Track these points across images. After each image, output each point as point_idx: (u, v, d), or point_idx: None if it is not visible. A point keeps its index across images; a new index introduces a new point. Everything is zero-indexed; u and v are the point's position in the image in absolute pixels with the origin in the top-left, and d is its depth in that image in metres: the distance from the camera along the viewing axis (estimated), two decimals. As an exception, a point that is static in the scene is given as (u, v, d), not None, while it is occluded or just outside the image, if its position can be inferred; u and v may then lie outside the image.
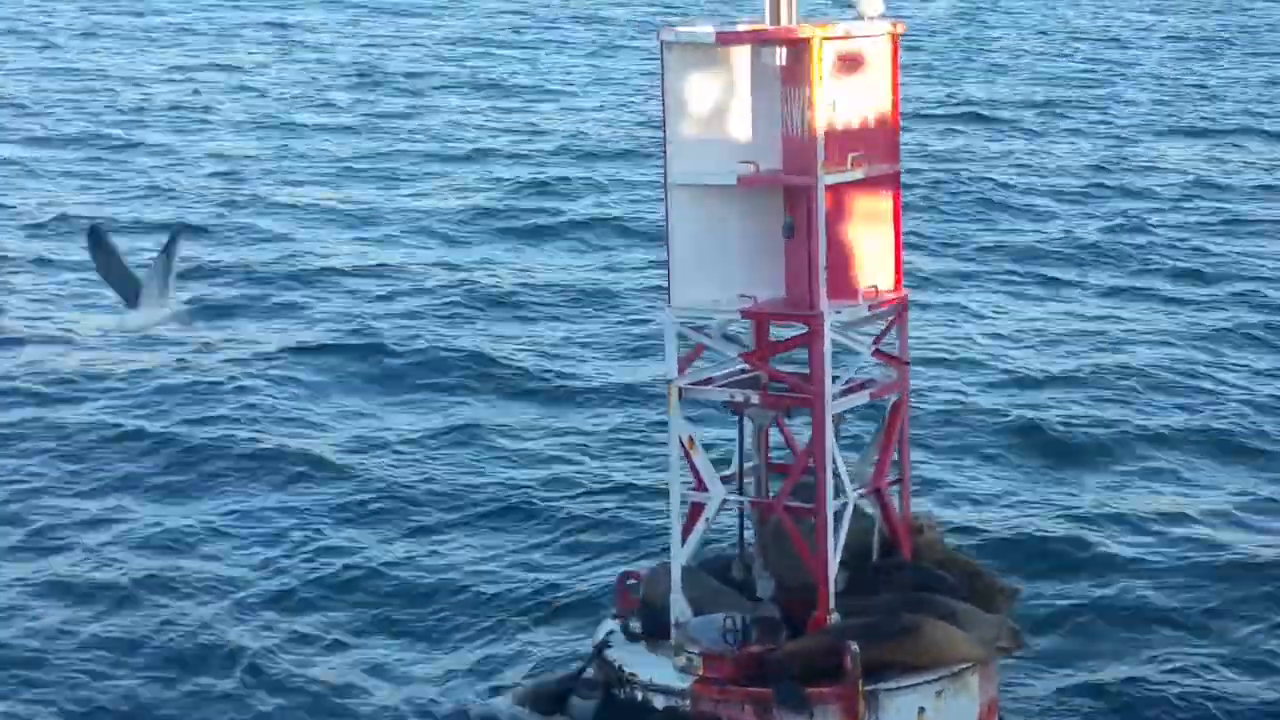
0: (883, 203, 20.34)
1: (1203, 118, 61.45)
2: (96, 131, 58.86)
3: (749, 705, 19.22)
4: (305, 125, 60.53)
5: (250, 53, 77.59)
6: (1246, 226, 45.46)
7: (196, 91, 66.68)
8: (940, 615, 19.75)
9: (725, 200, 19.95)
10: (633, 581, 21.49)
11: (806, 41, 19.16)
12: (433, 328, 36.64)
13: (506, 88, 68.85)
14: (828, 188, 19.34)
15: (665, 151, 20.03)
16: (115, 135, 58.32)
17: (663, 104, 19.97)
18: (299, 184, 51.67)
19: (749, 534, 21.08)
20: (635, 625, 20.94)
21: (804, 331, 20.54)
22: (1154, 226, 45.28)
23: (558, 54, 78.24)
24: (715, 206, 19.97)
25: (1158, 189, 49.97)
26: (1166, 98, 65.86)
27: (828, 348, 19.49)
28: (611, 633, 20.83)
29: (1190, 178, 51.32)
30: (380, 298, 39.17)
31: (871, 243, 20.22)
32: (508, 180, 51.58)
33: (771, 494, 20.68)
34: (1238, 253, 42.67)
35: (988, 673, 20.00)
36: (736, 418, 20.90)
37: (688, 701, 19.47)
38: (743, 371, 20.78)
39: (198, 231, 43.73)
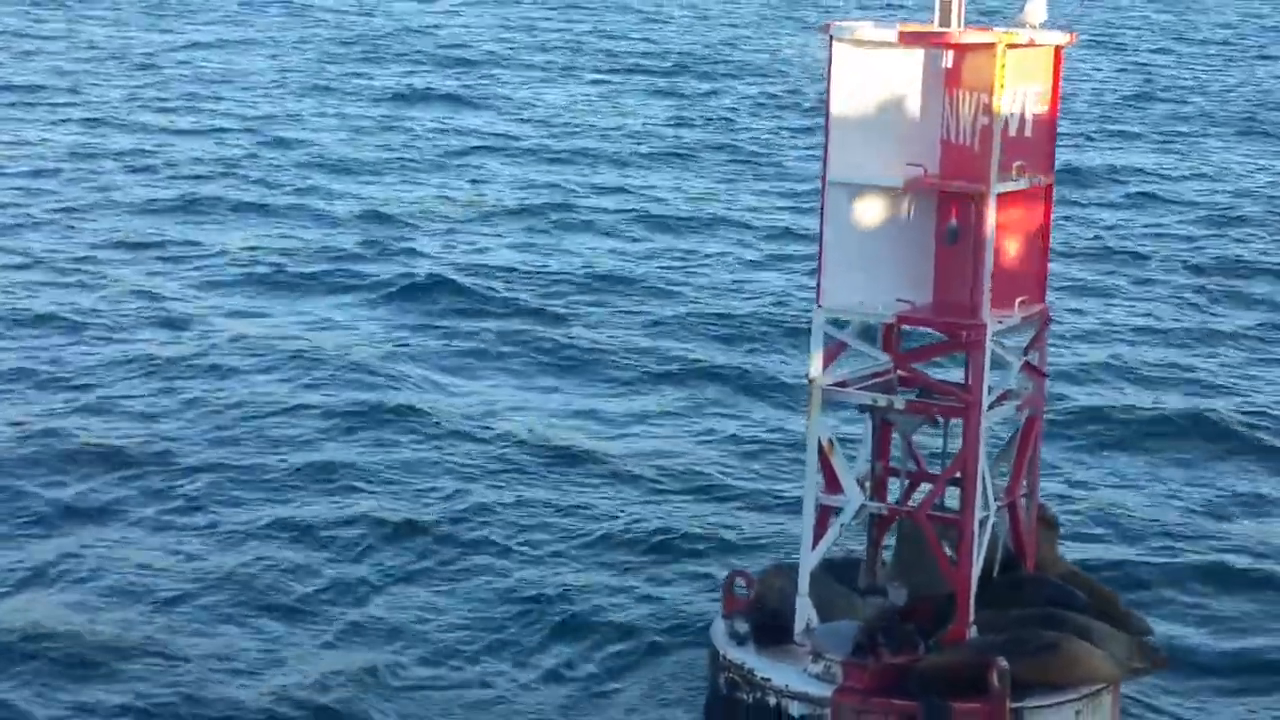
0: (1037, 214, 20.08)
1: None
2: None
3: (893, 718, 18.91)
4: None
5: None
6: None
7: None
8: (1075, 632, 19.59)
9: (884, 202, 19.58)
10: (740, 582, 21.12)
11: (991, 47, 18.82)
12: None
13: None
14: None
15: (826, 148, 19.62)
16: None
17: (826, 99, 19.55)
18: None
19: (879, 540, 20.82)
20: (741, 626, 20.56)
21: (943, 340, 20.36)
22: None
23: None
24: (873, 207, 19.60)
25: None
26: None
27: (987, 357, 19.21)
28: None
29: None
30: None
31: (1025, 253, 19.95)
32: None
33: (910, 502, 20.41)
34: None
35: (1117, 693, 19.90)
36: (871, 421, 20.60)
37: (827, 710, 19.12)
38: (873, 376, 20.48)
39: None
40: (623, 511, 27.11)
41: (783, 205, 49.43)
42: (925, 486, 20.73)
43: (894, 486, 20.93)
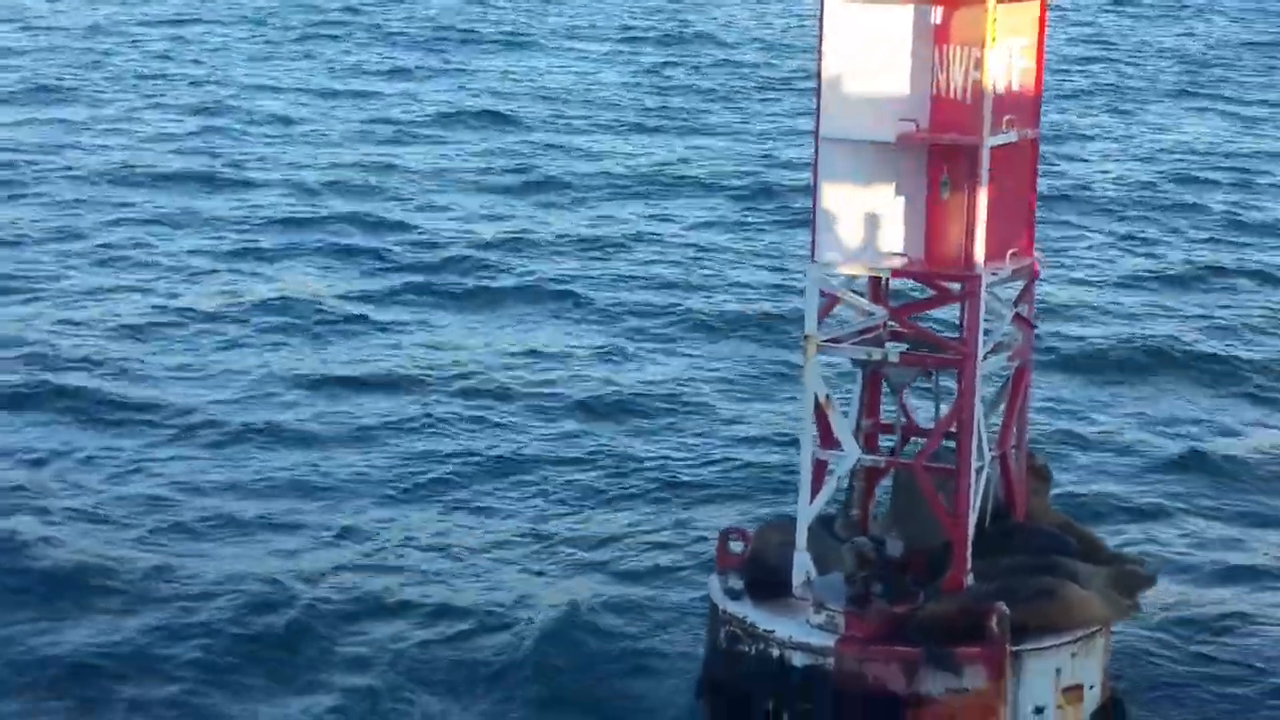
0: (1025, 167, 20.38)
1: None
2: None
3: (896, 664, 19.18)
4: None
5: None
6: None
7: None
8: (1067, 577, 19.93)
9: (877, 157, 19.80)
10: (735, 538, 21.34)
11: (981, 2, 19.07)
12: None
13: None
14: (986, 149, 19.32)
15: (818, 105, 19.83)
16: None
17: (818, 56, 19.75)
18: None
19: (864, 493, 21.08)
20: (736, 582, 20.77)
21: (932, 295, 20.64)
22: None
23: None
24: (866, 163, 19.82)
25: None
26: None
27: (982, 309, 19.49)
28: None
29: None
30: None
31: (1014, 206, 20.25)
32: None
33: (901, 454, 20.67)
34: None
35: (1108, 633, 20.26)
36: (862, 376, 20.86)
37: (830, 660, 19.37)
38: (863, 331, 20.72)
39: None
40: (618, 465, 27.33)
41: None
42: (915, 440, 21.05)
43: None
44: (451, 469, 27.49)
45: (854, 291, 20.68)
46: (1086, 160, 51.58)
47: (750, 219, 44.35)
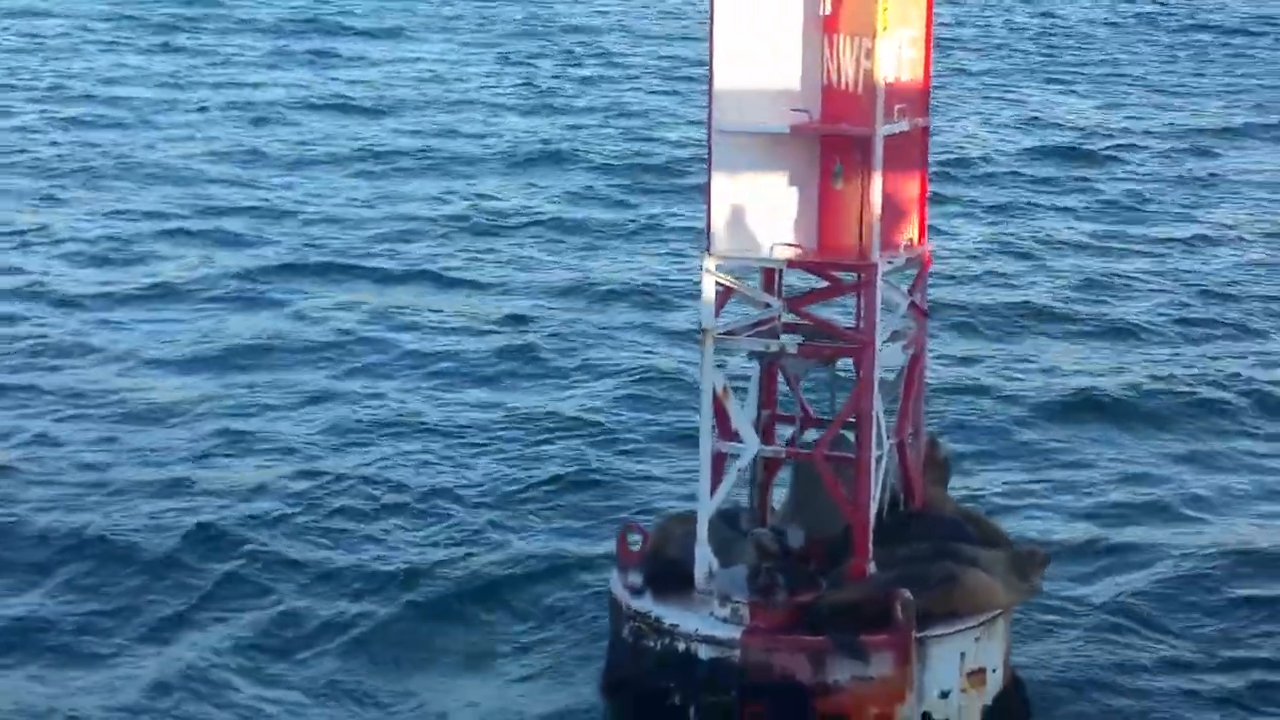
0: (916, 155, 20.49)
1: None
2: None
3: (802, 654, 19.19)
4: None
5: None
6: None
7: None
8: (967, 563, 20.07)
9: (770, 148, 19.82)
10: (635, 535, 21.26)
11: (871, -9, 19.15)
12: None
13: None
14: (876, 139, 19.39)
15: (710, 96, 19.81)
16: None
17: (710, 47, 19.73)
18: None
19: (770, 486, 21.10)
20: (635, 578, 20.69)
21: (828, 286, 20.70)
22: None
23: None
24: (759, 154, 19.83)
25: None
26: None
27: (878, 298, 19.57)
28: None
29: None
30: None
31: (906, 195, 20.36)
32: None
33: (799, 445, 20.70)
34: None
35: (1009, 617, 20.43)
36: (758, 367, 20.87)
37: (736, 651, 19.34)
38: (759, 323, 20.72)
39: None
40: (511, 466, 27.12)
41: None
42: (812, 431, 21.09)
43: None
44: (342, 449, 27.40)
45: (749, 283, 20.73)
46: (961, 135, 52.29)
47: (632, 200, 44.49)
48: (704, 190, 20.04)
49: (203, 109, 55.46)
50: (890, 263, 19.82)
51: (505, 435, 28.37)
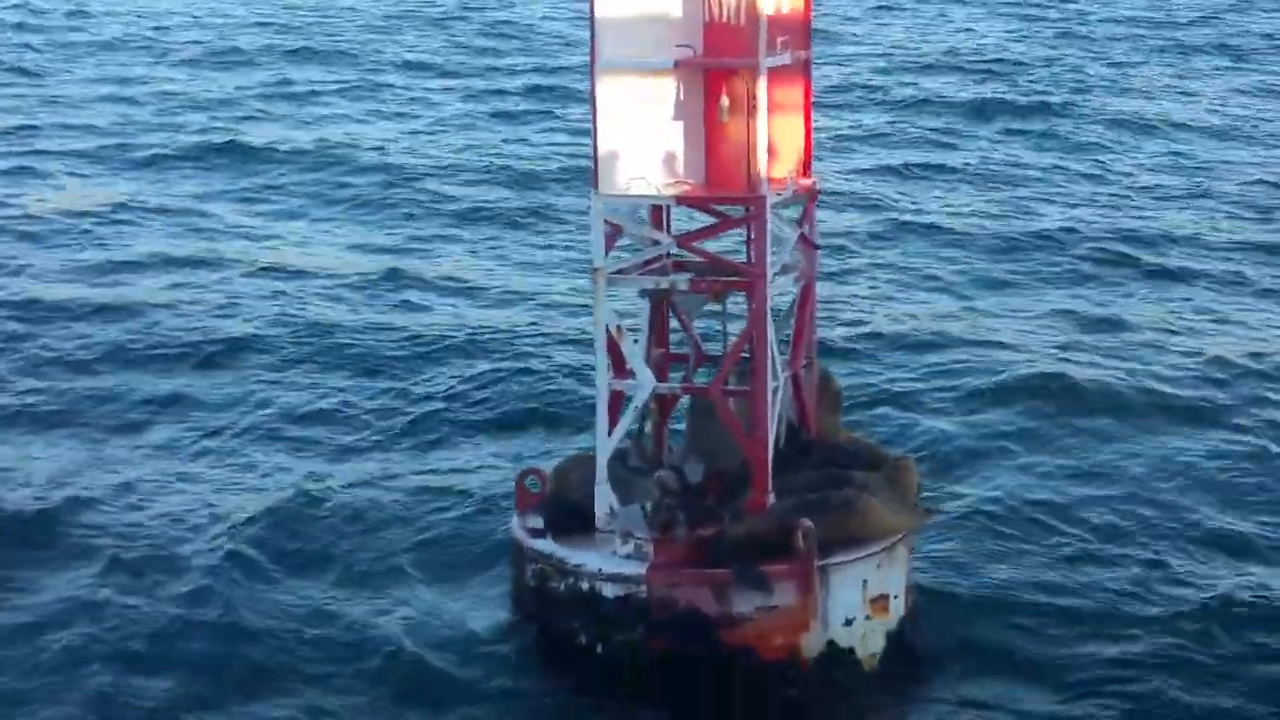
0: (800, 88, 20.53)
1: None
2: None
3: (706, 587, 19.27)
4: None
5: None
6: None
7: None
8: (861, 489, 20.22)
9: (655, 83, 19.77)
10: (533, 478, 21.24)
11: (751, -79, 19.12)
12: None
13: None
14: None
15: (593, 33, 19.72)
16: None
17: (591, -7, 19.66)
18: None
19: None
20: (535, 521, 20.69)
21: (717, 220, 20.71)
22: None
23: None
24: (644, 91, 19.77)
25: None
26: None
27: (768, 231, 19.62)
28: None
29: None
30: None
31: (792, 129, 20.40)
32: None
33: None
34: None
35: (909, 543, 20.63)
36: (649, 304, 20.87)
37: (641, 588, 19.39)
38: (649, 261, 20.71)
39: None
40: (402, 407, 27.02)
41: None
42: (707, 366, 21.15)
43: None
44: (240, 404, 27.26)
45: (639, 221, 20.69)
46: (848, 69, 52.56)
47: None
48: (590, 128, 19.94)
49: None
50: (779, 195, 19.86)
51: (399, 367, 28.33)
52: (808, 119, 20.75)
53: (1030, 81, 52.47)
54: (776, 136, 19.91)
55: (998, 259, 35.71)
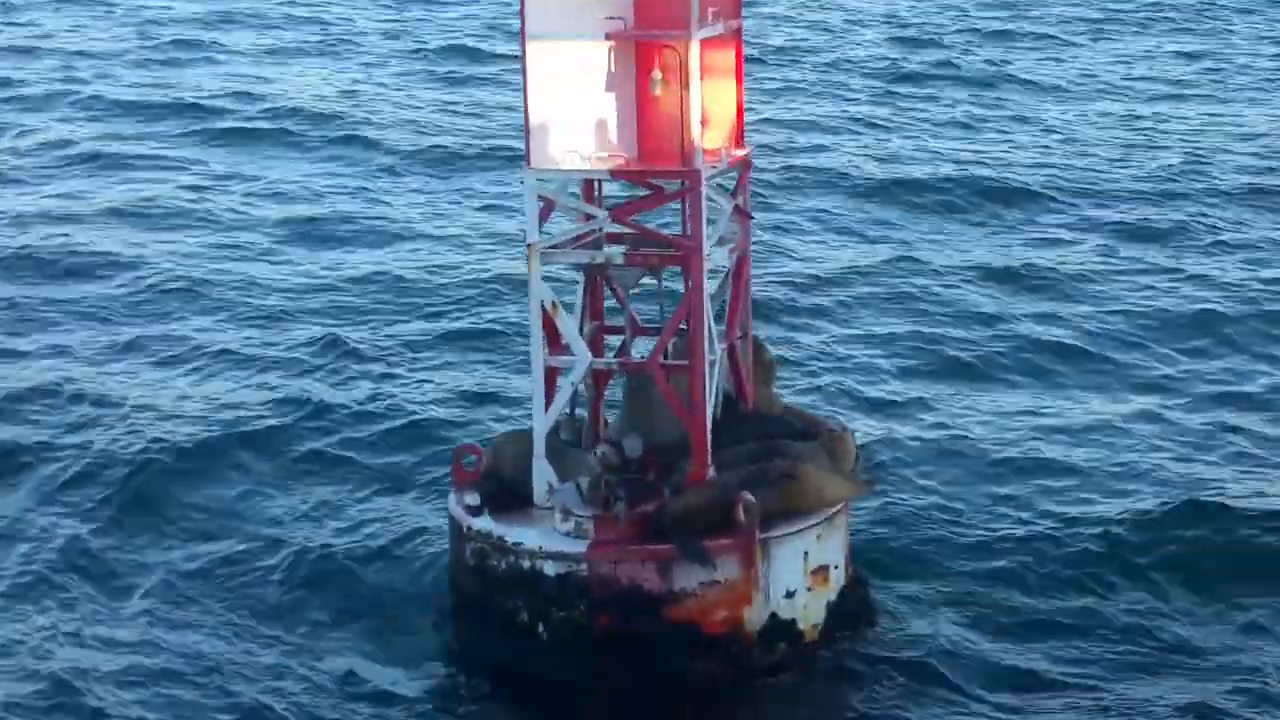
0: (731, 58, 20.38)
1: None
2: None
3: (650, 563, 19.19)
4: None
5: None
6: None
7: None
8: (792, 459, 20.16)
9: (586, 56, 19.54)
10: (469, 455, 21.06)
11: (677, -111, 18.90)
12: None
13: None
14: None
15: (522, 5, 19.45)
16: None
17: (518, -43, 19.38)
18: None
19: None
20: (472, 498, 20.52)
21: (650, 194, 20.56)
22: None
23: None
24: (575, 63, 19.54)
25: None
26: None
27: (704, 204, 19.48)
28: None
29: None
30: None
31: (725, 98, 20.25)
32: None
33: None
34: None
35: (847, 512, 20.61)
36: (584, 280, 20.70)
37: (583, 566, 19.28)
38: (580, 236, 20.52)
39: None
40: (343, 391, 26.74)
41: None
42: (641, 341, 21.04)
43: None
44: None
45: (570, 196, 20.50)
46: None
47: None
48: (521, 103, 19.72)
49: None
50: (714, 168, 19.72)
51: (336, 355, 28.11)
52: (739, 87, 20.60)
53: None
54: (709, 107, 19.74)
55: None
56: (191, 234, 34.46)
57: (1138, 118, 43.07)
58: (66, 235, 34.15)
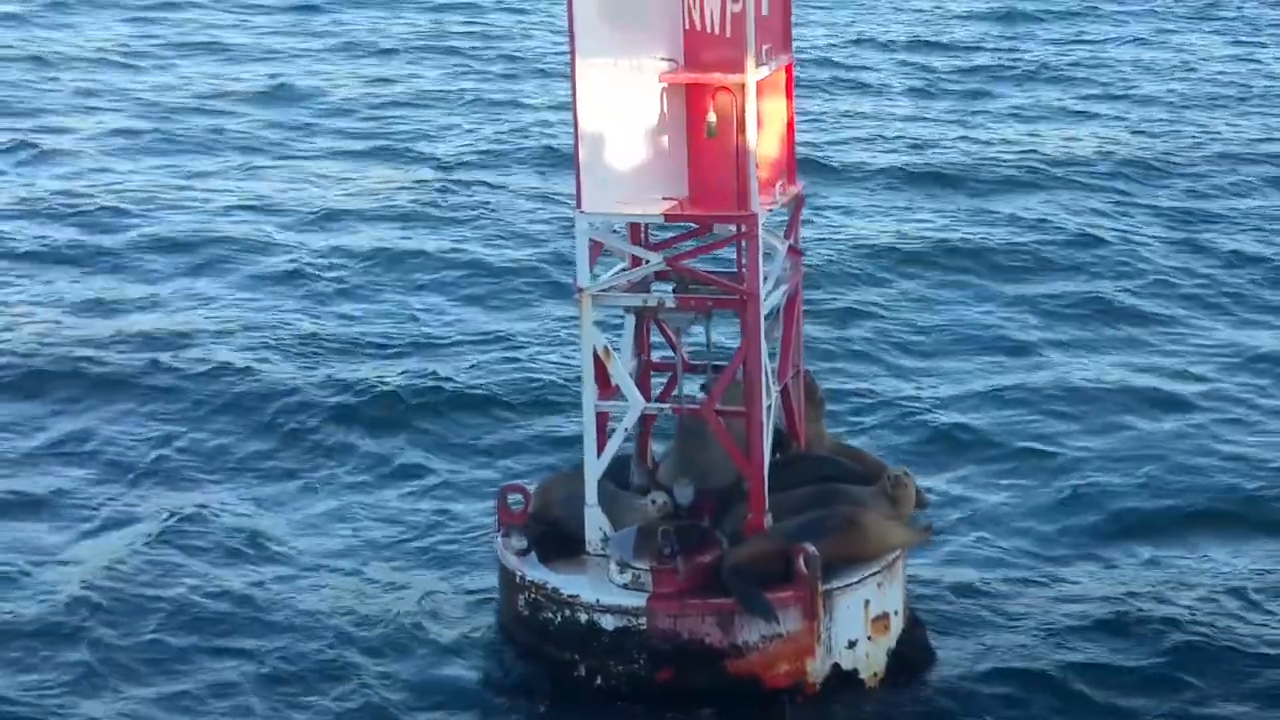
0: (783, 95, 19.97)
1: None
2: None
3: (711, 617, 18.86)
4: None
5: None
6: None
7: None
8: (856, 504, 19.83)
9: (638, 100, 19.10)
10: (515, 496, 20.70)
11: (736, -70, 18.46)
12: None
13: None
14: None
15: (572, 50, 19.00)
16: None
17: (568, 6, 18.91)
18: None
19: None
20: (519, 541, 20.18)
21: (706, 238, 20.22)
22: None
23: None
24: (627, 106, 19.11)
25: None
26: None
27: (760, 247, 19.10)
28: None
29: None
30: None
31: (778, 137, 19.86)
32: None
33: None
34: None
35: (904, 557, 20.29)
36: (634, 322, 20.31)
37: (643, 619, 18.93)
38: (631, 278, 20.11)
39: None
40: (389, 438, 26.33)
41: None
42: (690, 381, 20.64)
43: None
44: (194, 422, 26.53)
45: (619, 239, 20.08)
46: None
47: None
48: (573, 145, 19.28)
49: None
50: (770, 211, 19.33)
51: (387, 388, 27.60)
52: (790, 123, 20.20)
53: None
54: (762, 146, 19.33)
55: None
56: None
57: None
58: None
